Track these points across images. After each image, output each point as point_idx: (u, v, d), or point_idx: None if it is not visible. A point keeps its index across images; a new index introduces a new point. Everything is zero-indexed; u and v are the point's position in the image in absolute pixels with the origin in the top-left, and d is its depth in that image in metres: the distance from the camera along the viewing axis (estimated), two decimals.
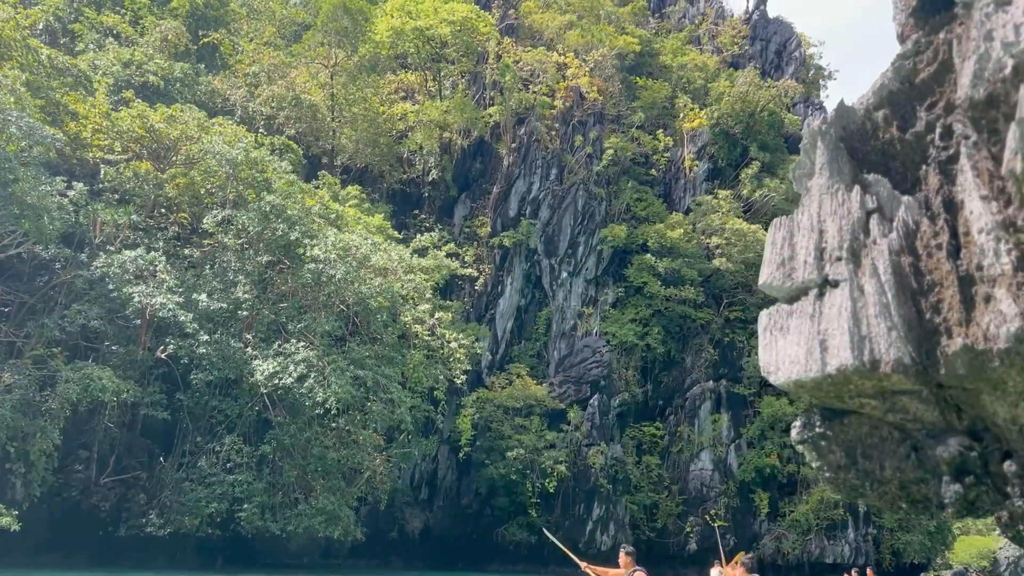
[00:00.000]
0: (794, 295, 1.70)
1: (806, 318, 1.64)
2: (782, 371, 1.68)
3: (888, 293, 1.52)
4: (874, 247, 1.58)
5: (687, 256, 50.05)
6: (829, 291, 1.61)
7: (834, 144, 1.69)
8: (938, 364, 1.49)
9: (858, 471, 1.74)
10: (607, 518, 44.59)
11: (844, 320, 1.56)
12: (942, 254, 1.50)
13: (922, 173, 1.58)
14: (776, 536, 48.03)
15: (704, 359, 50.60)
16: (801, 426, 1.81)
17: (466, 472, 44.41)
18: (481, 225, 48.82)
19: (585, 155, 51.29)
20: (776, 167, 58.55)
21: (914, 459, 1.70)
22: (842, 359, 1.54)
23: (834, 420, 1.74)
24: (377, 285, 31.59)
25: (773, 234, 1.79)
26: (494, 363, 47.87)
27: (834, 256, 1.62)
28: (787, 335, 1.68)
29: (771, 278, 1.74)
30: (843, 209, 1.64)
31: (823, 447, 1.76)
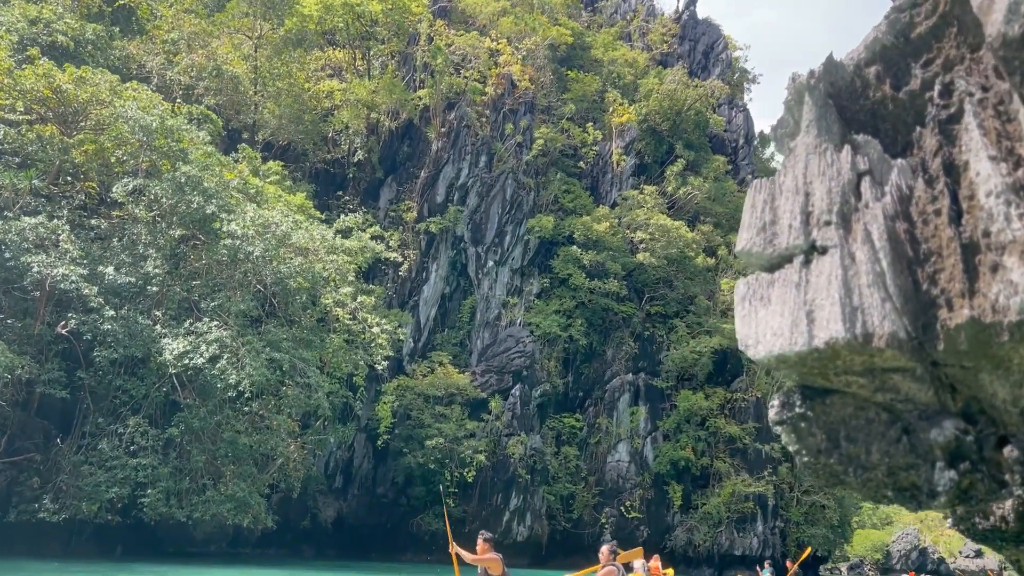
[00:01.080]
0: (776, 263, 1.54)
1: (791, 287, 1.49)
2: (762, 344, 1.51)
3: (883, 261, 1.38)
4: (867, 211, 1.43)
5: (612, 250, 50.35)
6: (817, 258, 1.45)
7: (823, 99, 1.54)
8: (936, 339, 1.36)
9: (841, 456, 1.56)
10: (524, 508, 44.53)
11: (834, 289, 1.40)
12: (941, 220, 1.39)
13: (916, 135, 1.47)
14: (688, 528, 48.88)
15: (625, 352, 51.03)
16: (779, 406, 1.64)
17: (383, 461, 43.59)
18: (407, 209, 47.92)
19: (515, 144, 50.95)
20: (700, 166, 59.54)
21: (905, 443, 1.53)
22: (832, 332, 1.37)
23: (816, 400, 1.56)
24: (297, 265, 30.47)
25: (753, 197, 1.61)
26: (416, 351, 47.12)
27: (822, 220, 1.46)
28: (768, 306, 1.52)
29: (750, 244, 1.58)
30: (832, 170, 1.49)
31: (803, 429, 1.59)
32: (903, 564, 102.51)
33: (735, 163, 65.52)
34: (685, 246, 51.85)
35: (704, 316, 52.89)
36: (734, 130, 67.81)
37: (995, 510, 1.68)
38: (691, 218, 56.49)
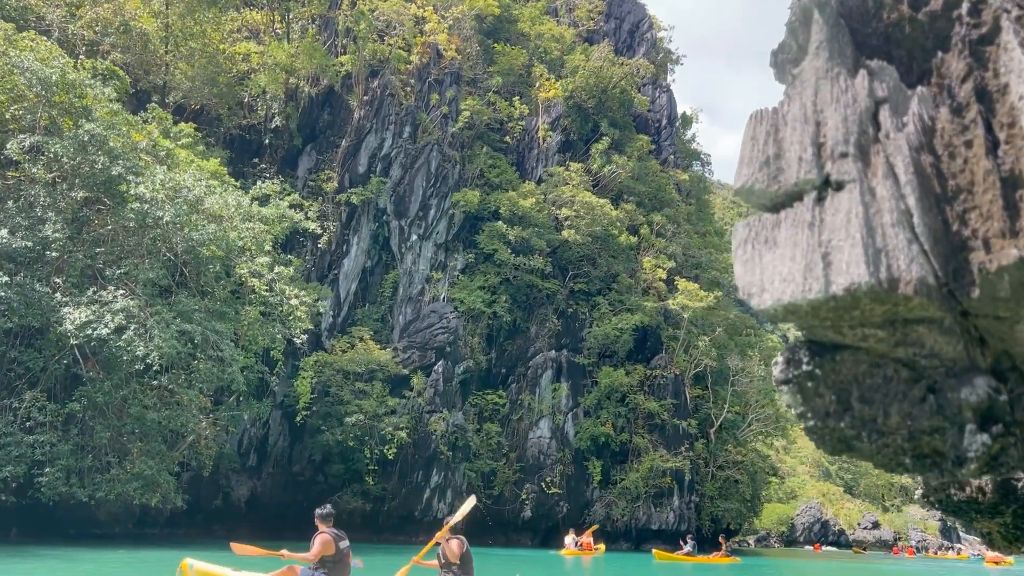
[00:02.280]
0: (782, 201, 1.39)
1: (802, 227, 1.33)
2: (768, 293, 1.35)
3: (909, 198, 1.28)
4: (888, 143, 1.32)
5: (537, 226, 50.03)
6: (832, 195, 1.32)
7: (835, 18, 1.42)
8: (970, 285, 1.27)
9: (853, 419, 1.41)
10: (445, 485, 44.08)
11: (854, 229, 1.27)
12: (973, 153, 1.29)
13: (937, 61, 1.37)
14: (607, 503, 49.38)
15: (548, 329, 50.95)
16: (784, 363, 1.43)
17: (299, 438, 42.33)
18: (327, 180, 46.36)
19: (440, 115, 49.88)
20: (624, 145, 59.74)
21: (931, 403, 1.39)
22: (852, 276, 1.24)
23: (825, 356, 1.41)
24: (210, 232, 28.91)
25: (753, 129, 1.45)
26: (335, 326, 45.84)
27: (837, 152, 1.33)
28: (775, 249, 1.36)
29: (751, 181, 1.41)
30: (847, 97, 1.35)
31: (809, 389, 1.42)
32: (806, 536, 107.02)
33: (658, 144, 66.06)
34: (609, 224, 51.98)
35: (626, 294, 53.25)
36: (657, 110, 68.32)
37: (972, 481, 1.63)
38: (615, 197, 56.65)
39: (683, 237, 59.35)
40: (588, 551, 39.69)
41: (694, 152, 74.30)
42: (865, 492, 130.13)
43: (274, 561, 11.70)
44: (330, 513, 11.68)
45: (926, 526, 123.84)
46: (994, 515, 1.70)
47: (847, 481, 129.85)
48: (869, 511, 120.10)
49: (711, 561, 36.08)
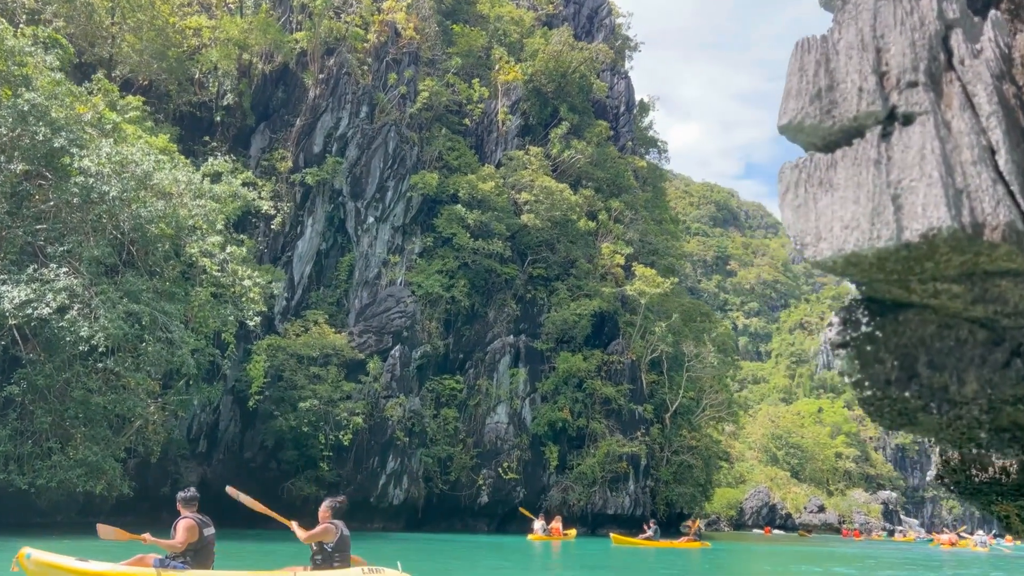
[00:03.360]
0: (837, 138, 1.29)
1: (866, 166, 1.24)
2: (827, 242, 1.25)
3: (994, 131, 1.19)
4: (964, 70, 1.24)
5: (496, 210, 49.54)
6: (899, 129, 1.23)
7: None
8: None
9: (921, 387, 1.32)
10: (401, 471, 43.51)
11: (931, 167, 1.17)
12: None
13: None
14: (563, 488, 49.36)
15: (506, 314, 50.60)
16: (840, 324, 1.39)
17: (251, 424, 41.34)
18: (281, 159, 45.16)
19: (398, 95, 48.94)
20: (583, 130, 59.51)
21: (1018, 369, 1.30)
22: (931, 220, 1.15)
23: (886, 316, 1.34)
24: (159, 209, 27.82)
25: (800, 59, 1.37)
26: (289, 309, 44.83)
27: (904, 81, 1.24)
28: (833, 192, 1.27)
29: (800, 116, 1.32)
30: (913, 19, 1.26)
31: (868, 353, 1.34)
32: (754, 520, 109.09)
33: (616, 130, 65.99)
34: (568, 209, 51.73)
35: (584, 279, 53.13)
36: (615, 97, 68.20)
37: (995, 461, 1.54)
38: (573, 182, 56.42)
39: (640, 224, 59.45)
40: (557, 536, 39.67)
41: (651, 139, 74.49)
42: (810, 476, 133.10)
43: (136, 546, 10.92)
44: (194, 497, 10.93)
45: (869, 509, 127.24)
46: (1017, 497, 1.58)
47: (793, 466, 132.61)
48: (815, 495, 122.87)
49: (679, 546, 35.82)
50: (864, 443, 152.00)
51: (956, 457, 1.65)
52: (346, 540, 10.98)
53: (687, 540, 36.31)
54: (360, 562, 11.33)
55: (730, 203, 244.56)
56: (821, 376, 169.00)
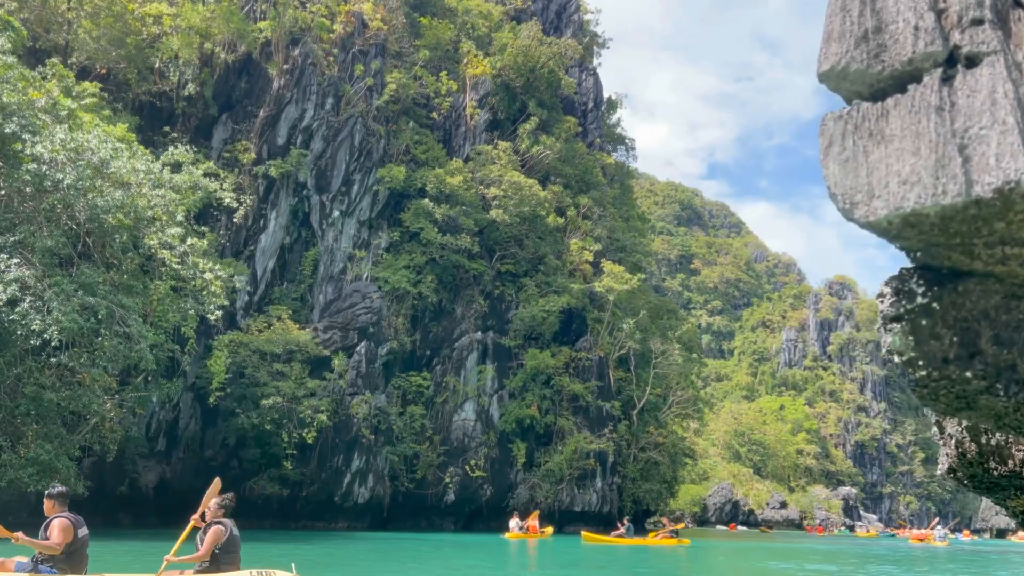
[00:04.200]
0: (887, 84, 1.18)
1: (926, 114, 1.12)
2: (882, 199, 1.12)
3: None
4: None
5: (465, 205, 49.00)
6: (963, 72, 1.12)
7: None
8: None
9: (985, 365, 1.19)
10: (367, 470, 42.79)
11: (1004, 111, 1.05)
12: None
13: None
14: (531, 485, 49.01)
15: (474, 310, 50.10)
16: (893, 295, 1.26)
17: (212, 421, 40.32)
18: (244, 151, 44.10)
19: (365, 87, 48.13)
20: (552, 126, 59.22)
21: None
22: (1007, 172, 1.04)
23: (945, 287, 1.22)
24: (117, 199, 26.80)
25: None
26: (251, 304, 43.83)
27: (968, 18, 1.12)
28: (887, 144, 1.14)
29: (844, 61, 1.20)
30: None
31: (924, 328, 1.21)
32: (718, 516, 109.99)
33: (584, 127, 65.82)
34: (537, 205, 51.36)
35: (553, 275, 52.83)
36: (584, 93, 68.04)
37: (1015, 453, 1.47)
38: (542, 178, 56.10)
39: (609, 220, 59.34)
40: (534, 534, 39.30)
41: (619, 137, 74.46)
42: (772, 473, 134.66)
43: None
44: (63, 493, 9.80)
45: (830, 505, 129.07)
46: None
47: (755, 463, 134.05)
48: (777, 491, 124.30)
49: (655, 543, 35.33)
50: (824, 440, 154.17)
51: (974, 449, 1.53)
52: (235, 540, 9.79)
53: (663, 537, 35.95)
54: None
55: (694, 202, 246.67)
56: (783, 374, 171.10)
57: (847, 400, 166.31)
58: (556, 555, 24.52)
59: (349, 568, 17.42)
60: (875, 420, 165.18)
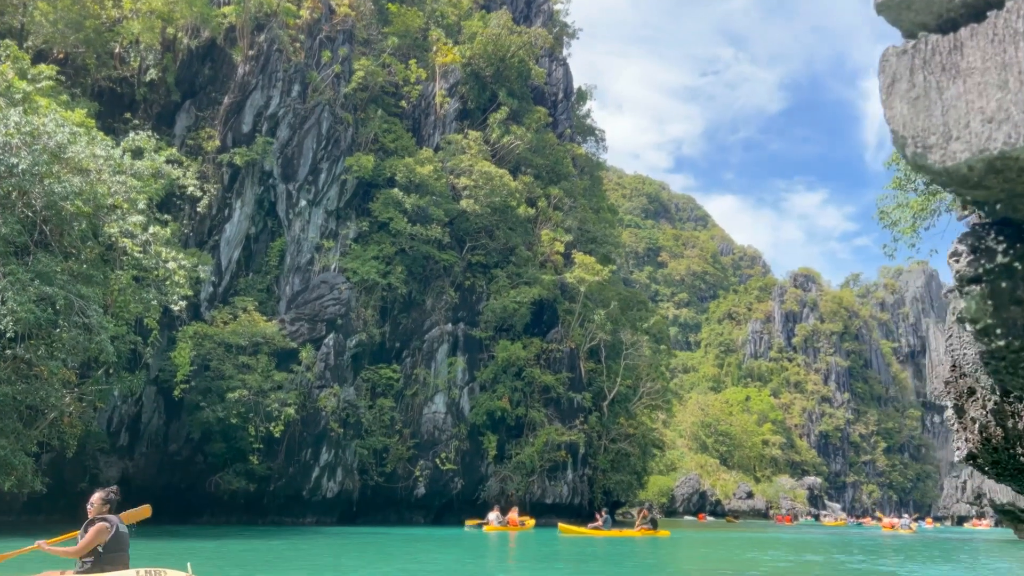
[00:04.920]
0: (959, 13, 1.07)
1: (1013, 43, 1.29)
2: (963, 141, 0.97)
3: None
4: None
5: (435, 194, 48.39)
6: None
7: None
8: None
9: None
10: (335, 463, 42.13)
11: None
12: None
13: None
14: (501, 478, 48.71)
15: (445, 301, 49.56)
16: (969, 253, 1.16)
17: (176, 415, 39.35)
18: (208, 138, 43.02)
19: (332, 74, 47.23)
20: (522, 116, 58.78)
21: None
22: None
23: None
24: (75, 185, 25.85)
25: None
26: (216, 296, 42.82)
27: None
28: (962, 79, 1.00)
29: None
30: None
31: (1004, 292, 1.08)
32: (685, 506, 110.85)
33: (554, 117, 65.47)
34: (508, 195, 50.91)
35: (524, 267, 52.47)
36: (554, 83, 67.68)
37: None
38: (512, 168, 55.64)
39: (579, 212, 59.10)
40: (514, 527, 39.00)
41: (589, 128, 74.22)
42: (739, 463, 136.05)
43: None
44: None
45: (795, 495, 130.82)
46: None
47: (722, 453, 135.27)
48: (743, 481, 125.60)
49: (635, 534, 35.07)
50: (789, 430, 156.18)
51: (999, 434, 1.64)
52: (123, 538, 9.06)
53: (642, 529, 35.69)
54: None
55: (661, 196, 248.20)
56: (748, 365, 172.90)
57: (811, 391, 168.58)
58: (534, 548, 24.18)
59: (319, 564, 16.92)
60: (838, 410, 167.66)
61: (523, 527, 39.83)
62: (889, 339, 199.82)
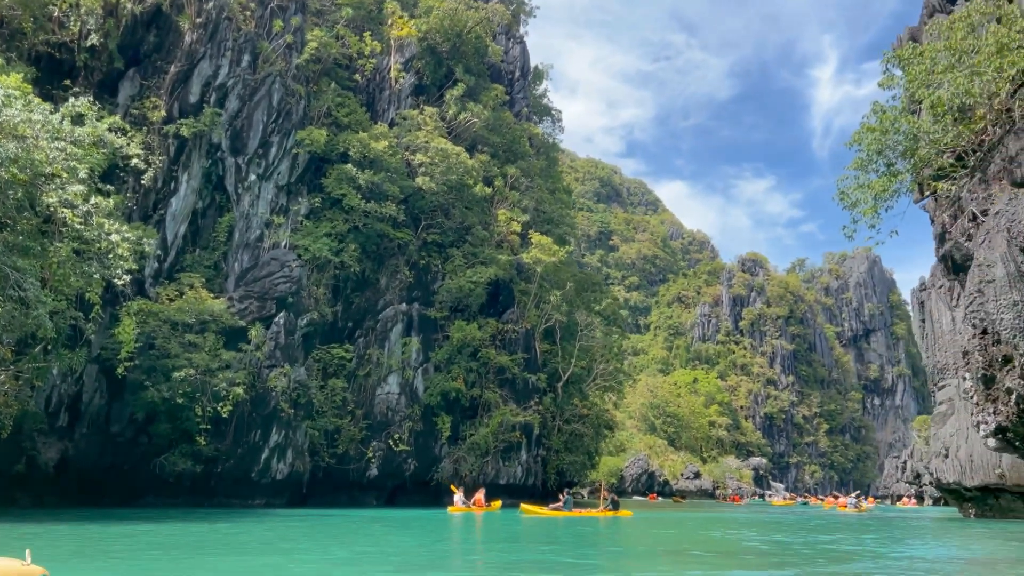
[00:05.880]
0: None
1: None
2: None
3: None
4: None
5: (390, 171, 47.35)
6: None
7: None
8: None
9: None
10: (286, 445, 41.15)
11: None
12: None
13: None
14: (455, 459, 48.28)
15: (399, 281, 48.70)
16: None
17: (119, 395, 37.89)
18: (153, 108, 41.29)
19: (284, 45, 45.74)
20: (479, 93, 57.92)
21: None
22: None
23: None
24: (10, 151, 24.42)
25: None
26: (162, 272, 41.31)
27: None
28: None
29: None
30: None
31: None
32: (634, 487, 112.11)
33: (511, 96, 64.72)
34: (464, 173, 50.12)
35: (480, 246, 51.82)
36: (511, 61, 66.89)
37: None
38: (469, 146, 54.83)
39: (536, 192, 58.59)
40: (480, 507, 38.69)
41: (545, 108, 73.61)
42: (686, 444, 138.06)
43: None
44: None
45: (741, 475, 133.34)
46: None
47: (670, 434, 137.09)
48: (691, 462, 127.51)
49: (597, 514, 34.91)
50: (736, 412, 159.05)
51: None
52: None
53: (604, 510, 35.60)
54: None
55: (613, 180, 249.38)
56: (697, 348, 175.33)
57: (757, 373, 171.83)
58: (498, 530, 23.78)
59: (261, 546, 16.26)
60: (783, 393, 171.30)
61: (489, 508, 39.61)
62: (833, 323, 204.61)
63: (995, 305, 6.17)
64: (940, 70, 21.63)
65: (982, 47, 20.65)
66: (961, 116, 22.03)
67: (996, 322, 6.12)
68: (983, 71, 20.05)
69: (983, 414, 5.93)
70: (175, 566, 12.37)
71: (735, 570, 12.02)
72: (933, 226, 26.79)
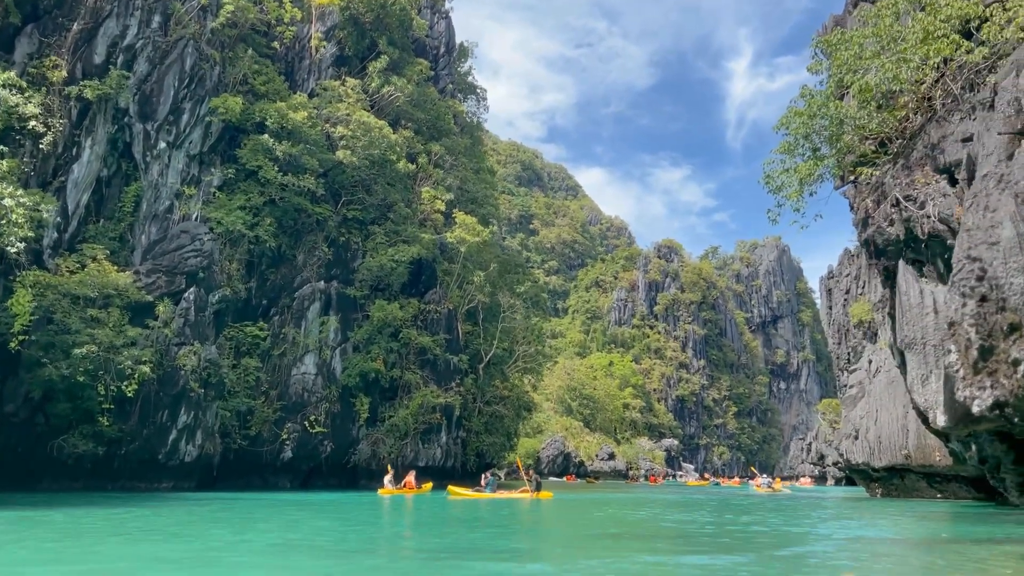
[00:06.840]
0: None
1: None
2: None
3: None
4: None
5: (309, 143, 45.69)
6: None
7: None
8: None
9: None
10: (195, 426, 39.43)
11: None
12: None
13: None
14: (373, 440, 47.35)
15: (317, 258, 47.21)
16: None
17: (13, 372, 35.42)
18: (53, 67, 38.58)
19: (198, 7, 43.41)
20: (403, 67, 56.59)
21: None
22: None
23: None
24: None
25: None
26: (62, 242, 38.76)
27: None
28: None
29: None
30: None
31: None
32: (550, 468, 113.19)
33: (436, 72, 63.54)
34: (387, 148, 48.84)
35: (403, 224, 50.72)
36: (436, 36, 65.66)
37: None
38: (392, 121, 53.50)
39: (460, 170, 57.74)
40: (411, 490, 37.94)
41: (470, 86, 72.59)
42: (601, 426, 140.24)
43: None
44: None
45: (654, 456, 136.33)
46: None
47: (586, 416, 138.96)
48: (606, 443, 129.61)
49: (521, 496, 34.63)
50: (649, 395, 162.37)
51: None
52: None
53: (526, 491, 35.35)
54: None
55: (534, 164, 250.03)
56: (613, 332, 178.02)
57: (670, 357, 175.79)
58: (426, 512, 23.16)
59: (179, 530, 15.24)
60: (695, 376, 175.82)
61: (420, 490, 39.00)
62: (743, 309, 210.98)
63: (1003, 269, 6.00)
64: (868, 56, 21.99)
65: (908, 35, 21.07)
66: (885, 103, 22.49)
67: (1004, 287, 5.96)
68: (910, 58, 20.45)
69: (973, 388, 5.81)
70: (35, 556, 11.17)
71: (688, 555, 11.77)
72: (853, 212, 27.40)
